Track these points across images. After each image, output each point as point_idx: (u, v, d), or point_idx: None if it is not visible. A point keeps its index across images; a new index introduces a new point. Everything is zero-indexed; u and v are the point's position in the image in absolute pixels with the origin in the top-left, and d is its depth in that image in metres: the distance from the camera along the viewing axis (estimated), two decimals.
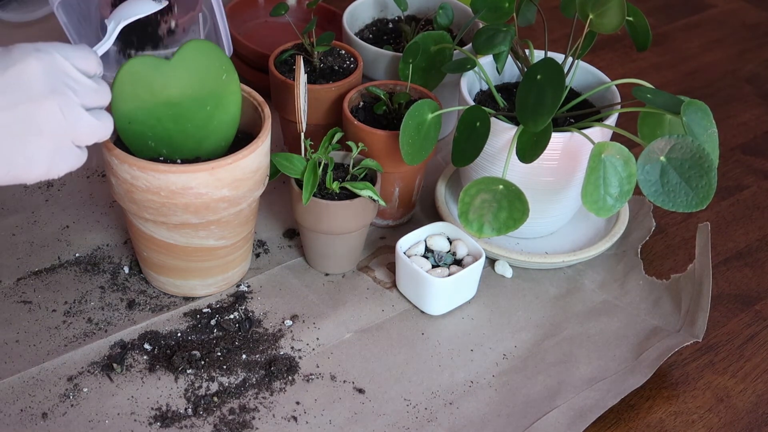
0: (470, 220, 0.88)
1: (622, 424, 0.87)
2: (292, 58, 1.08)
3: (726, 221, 1.11)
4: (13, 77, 0.70)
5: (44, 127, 0.71)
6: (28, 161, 0.71)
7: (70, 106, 0.72)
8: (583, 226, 1.06)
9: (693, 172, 0.84)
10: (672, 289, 0.98)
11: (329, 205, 0.93)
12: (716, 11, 1.56)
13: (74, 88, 0.73)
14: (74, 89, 0.73)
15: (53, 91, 0.71)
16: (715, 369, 0.92)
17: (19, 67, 0.70)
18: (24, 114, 0.70)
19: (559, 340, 0.94)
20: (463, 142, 0.92)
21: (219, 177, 0.84)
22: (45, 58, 0.71)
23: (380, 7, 1.22)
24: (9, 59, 0.70)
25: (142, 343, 0.90)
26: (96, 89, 0.74)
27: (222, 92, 0.89)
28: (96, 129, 0.74)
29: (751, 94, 1.35)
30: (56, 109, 0.71)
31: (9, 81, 0.70)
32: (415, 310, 0.96)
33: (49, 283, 0.96)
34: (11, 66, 0.70)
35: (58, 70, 0.72)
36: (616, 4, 0.90)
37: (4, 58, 0.70)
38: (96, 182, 1.10)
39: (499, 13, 1.03)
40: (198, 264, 0.92)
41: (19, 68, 0.70)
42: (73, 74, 0.73)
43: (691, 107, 0.86)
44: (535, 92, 0.88)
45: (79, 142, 0.74)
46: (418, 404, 0.87)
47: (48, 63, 0.71)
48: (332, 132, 0.96)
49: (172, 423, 0.83)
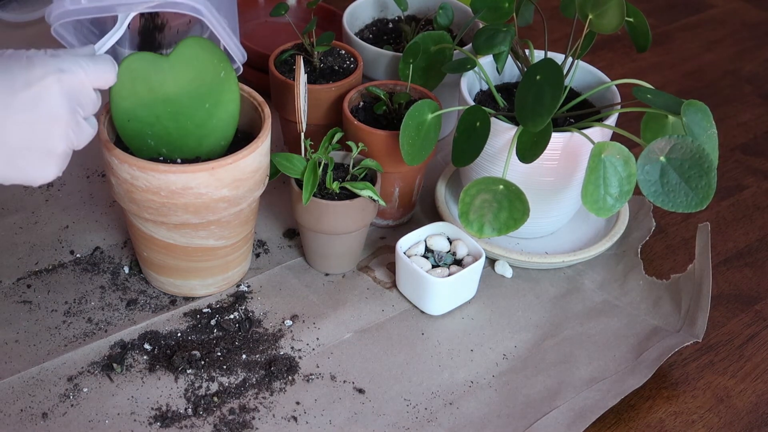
0: (471, 221, 0.88)
1: (622, 424, 0.87)
2: (292, 58, 1.08)
3: (726, 221, 1.11)
4: (33, 96, 0.71)
5: (59, 146, 0.73)
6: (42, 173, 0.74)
7: (78, 123, 0.74)
8: (583, 226, 1.06)
9: (693, 173, 0.84)
10: (672, 289, 0.98)
11: (329, 205, 0.93)
12: (716, 11, 1.56)
13: (82, 104, 0.74)
14: (82, 105, 0.74)
15: (69, 113, 0.73)
16: (715, 369, 0.92)
17: (39, 87, 0.71)
18: (42, 132, 0.72)
19: (559, 340, 0.94)
20: (463, 142, 0.92)
21: (219, 177, 0.84)
22: (64, 80, 0.72)
23: (380, 7, 1.22)
24: (31, 75, 0.71)
25: (142, 343, 0.90)
26: (95, 102, 0.76)
27: (220, 90, 0.89)
28: (90, 136, 0.77)
29: (751, 94, 1.35)
30: (69, 129, 0.73)
31: (30, 99, 0.71)
32: (415, 310, 0.96)
33: (49, 283, 0.96)
34: (33, 84, 0.71)
35: (75, 91, 0.73)
36: (615, 4, 0.90)
37: (23, 72, 0.71)
38: (96, 182, 1.10)
39: (499, 13, 1.03)
40: (198, 264, 0.92)
41: (39, 88, 0.71)
42: (85, 91, 0.75)
43: (691, 108, 0.86)
44: (534, 92, 0.88)
45: (78, 148, 0.76)
46: (418, 404, 0.87)
47: (66, 84, 0.72)
48: (332, 132, 0.96)
49: (172, 423, 0.83)
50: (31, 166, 0.73)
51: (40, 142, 0.72)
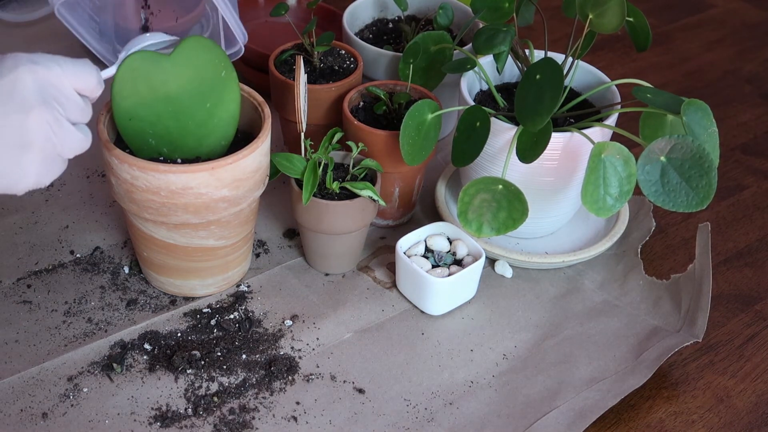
0: (469, 220, 0.88)
1: (622, 424, 0.87)
2: (292, 58, 1.08)
3: (726, 221, 1.11)
4: (6, 85, 0.70)
5: (34, 139, 0.71)
6: (20, 173, 0.72)
7: (58, 120, 0.73)
8: (583, 226, 1.06)
9: (693, 172, 0.84)
10: (672, 289, 0.98)
11: (329, 205, 0.93)
12: (716, 11, 1.56)
13: (62, 103, 0.73)
14: (62, 104, 0.73)
15: (43, 103, 0.71)
16: (715, 369, 0.92)
17: (11, 77, 0.70)
18: (17, 124, 0.70)
19: (559, 340, 0.94)
20: (463, 142, 0.92)
21: (219, 177, 0.84)
22: (38, 71, 0.71)
23: (380, 7, 1.22)
24: (2, 67, 0.71)
25: (142, 343, 0.90)
26: (83, 107, 0.75)
27: (221, 89, 0.89)
28: (80, 143, 0.75)
29: (751, 94, 1.35)
30: (45, 121, 0.72)
31: (2, 89, 0.70)
32: (415, 310, 0.96)
33: (49, 283, 0.96)
34: (4, 75, 0.70)
35: (48, 84, 0.72)
36: (616, 4, 0.90)
37: None
38: (96, 182, 1.10)
39: (499, 13, 1.03)
40: (198, 264, 0.92)
41: (11, 78, 0.70)
42: (64, 90, 0.73)
43: (692, 107, 0.86)
44: (534, 92, 0.88)
45: (65, 154, 0.75)
46: (418, 404, 0.87)
47: (40, 76, 0.71)
48: (332, 132, 0.96)
49: (172, 423, 0.83)
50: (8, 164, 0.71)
51: (15, 135, 0.70)
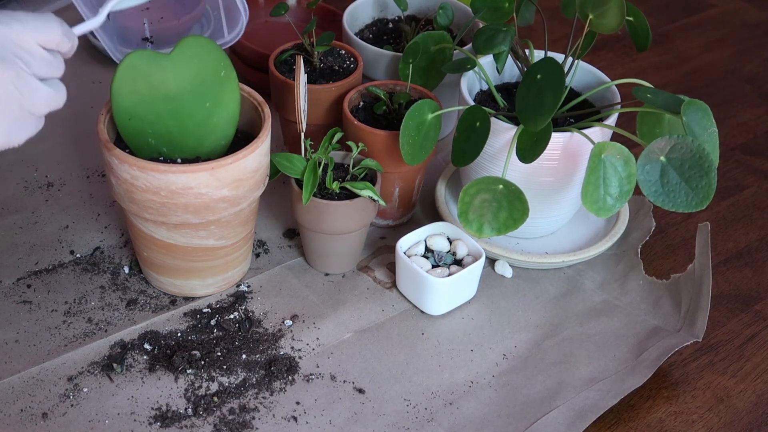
0: (470, 220, 0.88)
1: (622, 424, 0.87)
2: (292, 58, 1.08)
3: (726, 221, 1.11)
4: None
5: None
6: None
7: (21, 77, 0.71)
8: (583, 226, 1.06)
9: (693, 172, 0.84)
10: (672, 289, 0.98)
11: (329, 205, 0.93)
12: (716, 11, 1.56)
13: (26, 59, 0.71)
14: (26, 60, 0.71)
15: (2, 61, 0.70)
16: (715, 369, 0.92)
17: None
18: None
19: (559, 340, 0.94)
20: (463, 142, 0.92)
21: (219, 177, 0.84)
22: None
23: (380, 7, 1.22)
24: None
25: (142, 343, 0.90)
26: (50, 61, 0.73)
27: (220, 89, 0.89)
28: (51, 98, 0.73)
29: (751, 94, 1.35)
30: (6, 79, 0.70)
31: None
32: (415, 310, 0.96)
33: (49, 283, 0.96)
34: None
35: (8, 41, 0.70)
36: (615, 4, 0.90)
37: None
38: (96, 182, 1.10)
39: (499, 13, 1.03)
40: (198, 264, 0.92)
41: None
42: (26, 46, 0.71)
43: (691, 107, 0.86)
44: (535, 92, 0.88)
45: (36, 111, 0.73)
46: (418, 404, 0.87)
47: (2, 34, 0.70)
48: (332, 132, 0.96)
49: (172, 423, 0.83)
50: None
51: None
